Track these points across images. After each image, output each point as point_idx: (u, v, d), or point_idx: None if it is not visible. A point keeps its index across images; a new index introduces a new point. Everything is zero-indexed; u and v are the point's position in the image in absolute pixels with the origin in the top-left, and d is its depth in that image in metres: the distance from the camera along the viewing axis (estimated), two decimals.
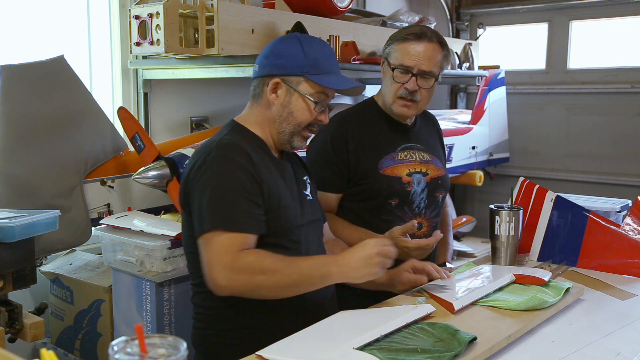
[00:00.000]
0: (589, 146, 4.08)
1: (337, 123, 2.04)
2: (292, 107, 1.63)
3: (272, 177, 1.60)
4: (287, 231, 1.60)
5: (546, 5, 4.15)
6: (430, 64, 1.95)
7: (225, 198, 1.50)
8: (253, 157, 1.57)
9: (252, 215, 1.51)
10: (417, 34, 1.96)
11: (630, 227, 1.96)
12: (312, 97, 1.62)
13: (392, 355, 1.23)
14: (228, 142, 1.58)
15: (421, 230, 2.02)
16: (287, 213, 1.60)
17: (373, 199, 1.98)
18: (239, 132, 1.65)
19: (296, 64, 1.61)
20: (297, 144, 1.67)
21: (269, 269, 1.46)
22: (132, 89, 2.80)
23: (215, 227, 1.47)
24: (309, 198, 1.75)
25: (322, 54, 1.65)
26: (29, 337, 1.81)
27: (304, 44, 1.63)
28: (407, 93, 1.96)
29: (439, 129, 2.28)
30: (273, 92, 1.63)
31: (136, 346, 0.84)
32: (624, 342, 1.42)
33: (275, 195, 1.58)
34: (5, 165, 2.09)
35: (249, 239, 1.49)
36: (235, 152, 1.55)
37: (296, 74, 1.61)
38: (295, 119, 1.63)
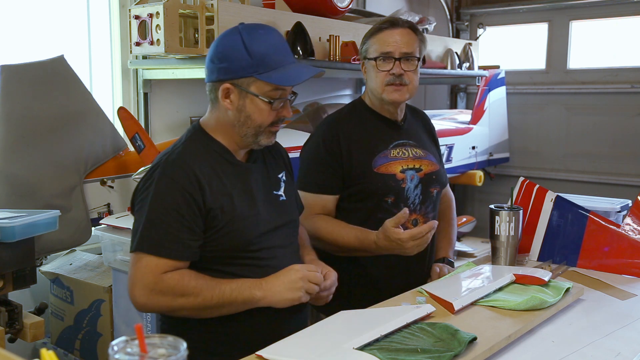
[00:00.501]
0: (588, 146, 4.08)
1: (328, 125, 2.05)
2: (247, 110, 1.55)
3: (227, 192, 1.54)
4: (244, 244, 1.55)
5: (546, 5, 4.15)
6: (409, 47, 1.96)
7: (158, 221, 1.47)
8: (203, 173, 1.52)
9: (182, 242, 1.47)
10: (390, 22, 1.99)
11: (630, 227, 1.96)
12: (266, 97, 1.53)
13: (392, 355, 1.23)
14: (175, 159, 1.53)
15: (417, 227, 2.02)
16: (243, 226, 1.55)
17: (369, 198, 1.98)
18: (197, 140, 1.60)
19: (241, 65, 1.51)
20: (264, 142, 1.60)
21: (191, 292, 1.46)
22: (132, 89, 2.80)
23: (142, 250, 1.47)
24: (281, 199, 1.69)
25: (268, 47, 1.53)
26: (29, 337, 1.81)
27: (246, 41, 1.51)
28: (395, 78, 1.95)
29: (429, 123, 2.25)
30: (226, 98, 1.55)
31: (136, 346, 0.84)
32: (624, 342, 1.42)
33: (229, 210, 1.53)
34: (5, 165, 2.09)
35: (175, 264, 1.48)
36: (179, 173, 1.50)
37: (244, 76, 1.52)
38: (254, 121, 1.55)
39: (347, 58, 2.82)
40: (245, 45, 1.51)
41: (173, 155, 1.56)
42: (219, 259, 1.56)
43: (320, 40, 2.79)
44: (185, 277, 1.48)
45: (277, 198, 1.69)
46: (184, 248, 1.49)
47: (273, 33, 1.58)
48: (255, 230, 1.57)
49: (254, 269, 1.57)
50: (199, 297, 1.47)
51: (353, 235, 1.93)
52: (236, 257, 1.56)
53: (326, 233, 1.95)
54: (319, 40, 2.78)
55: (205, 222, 1.51)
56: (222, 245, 1.54)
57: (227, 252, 1.55)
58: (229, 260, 1.56)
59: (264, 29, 1.57)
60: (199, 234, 1.51)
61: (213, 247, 1.54)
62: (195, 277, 1.49)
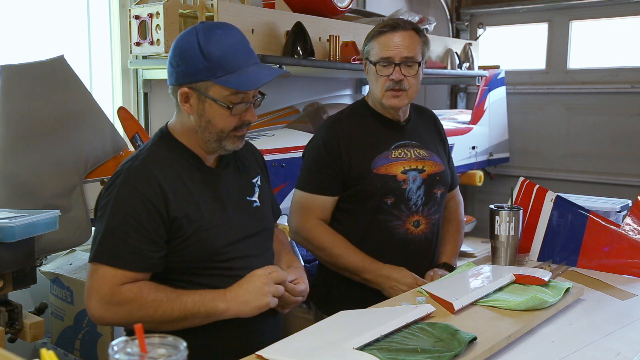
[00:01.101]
0: (588, 146, 4.08)
1: (329, 126, 2.05)
2: (208, 115, 1.48)
3: (194, 199, 1.50)
4: (213, 253, 1.51)
5: (546, 5, 4.15)
6: (410, 51, 1.94)
7: (117, 231, 1.43)
8: (167, 181, 1.47)
9: (141, 253, 1.43)
10: (391, 25, 1.96)
11: (630, 227, 1.96)
12: (225, 102, 1.46)
13: (392, 355, 1.23)
14: (138, 166, 1.49)
15: (419, 228, 2.02)
16: (211, 235, 1.50)
17: (368, 199, 1.98)
18: (163, 145, 1.55)
19: (198, 68, 1.44)
20: (230, 147, 1.53)
21: (150, 305, 1.41)
22: (132, 89, 2.80)
23: (99, 260, 1.43)
24: (255, 205, 1.63)
25: (225, 49, 1.45)
26: (29, 337, 1.81)
27: (202, 43, 1.44)
28: (394, 84, 1.94)
29: (437, 123, 2.23)
30: (185, 102, 1.49)
31: (136, 346, 0.84)
32: (624, 342, 1.41)
33: (196, 219, 1.49)
34: (5, 165, 2.09)
35: (134, 276, 1.44)
36: (141, 181, 1.46)
37: (202, 80, 1.45)
38: (215, 126, 1.49)
39: (347, 58, 2.82)
40: (201, 47, 1.44)
41: (136, 161, 1.51)
42: (187, 269, 1.51)
43: (320, 40, 2.79)
44: (144, 289, 1.43)
45: (251, 204, 1.63)
46: (143, 259, 1.44)
47: (232, 33, 1.50)
48: (225, 239, 1.53)
49: (225, 279, 1.52)
50: (158, 310, 1.42)
51: (360, 258, 1.94)
52: (205, 267, 1.51)
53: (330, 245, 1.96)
54: (319, 40, 2.78)
55: (169, 232, 1.47)
56: (190, 254, 1.49)
57: (196, 262, 1.50)
58: (198, 270, 1.51)
59: (222, 29, 1.49)
60: (160, 245, 1.46)
61: (180, 257, 1.50)
62: (155, 290, 1.43)
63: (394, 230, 1.99)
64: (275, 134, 2.70)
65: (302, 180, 2.04)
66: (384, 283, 1.92)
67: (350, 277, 1.97)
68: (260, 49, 2.49)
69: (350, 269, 1.95)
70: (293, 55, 2.54)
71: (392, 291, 1.88)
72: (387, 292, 1.89)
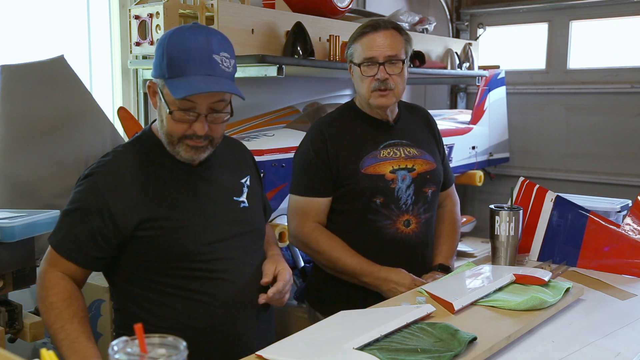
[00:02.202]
0: (589, 146, 4.08)
1: (316, 129, 2.05)
2: (161, 113, 1.47)
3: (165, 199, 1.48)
4: (187, 253, 1.47)
5: (546, 5, 4.15)
6: (393, 49, 1.94)
7: (67, 219, 1.48)
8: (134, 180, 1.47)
9: (79, 246, 1.45)
10: (372, 25, 1.97)
11: (630, 227, 1.96)
12: (169, 105, 1.42)
13: (392, 355, 1.23)
14: (107, 162, 1.50)
15: (410, 228, 2.02)
16: (184, 235, 1.47)
17: (357, 199, 1.98)
18: (140, 144, 1.55)
19: (158, 64, 1.43)
20: (185, 155, 1.48)
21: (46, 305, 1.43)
22: (132, 89, 2.80)
23: (49, 241, 1.50)
24: (242, 205, 1.60)
25: (181, 51, 1.40)
26: (29, 337, 1.81)
27: (167, 40, 1.42)
28: (380, 83, 1.94)
29: (430, 121, 2.22)
30: (153, 97, 1.49)
31: (136, 346, 0.84)
32: (624, 342, 1.41)
33: (167, 217, 1.46)
34: (5, 165, 2.09)
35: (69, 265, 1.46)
36: (103, 178, 1.46)
37: (158, 77, 1.44)
38: (164, 127, 1.47)
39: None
40: (164, 45, 1.42)
41: (108, 156, 1.53)
42: (158, 269, 1.48)
43: (320, 40, 2.79)
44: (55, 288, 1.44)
45: (238, 204, 1.60)
46: (78, 252, 1.46)
47: (198, 36, 1.42)
48: (202, 239, 1.49)
49: (202, 281, 1.50)
50: (45, 314, 1.44)
51: (357, 261, 1.94)
52: (183, 267, 1.48)
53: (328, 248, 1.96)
54: (319, 40, 2.78)
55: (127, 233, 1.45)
56: (160, 254, 1.47)
57: (171, 261, 1.48)
58: (170, 270, 1.48)
59: (192, 31, 1.43)
60: (100, 246, 1.46)
61: (154, 257, 1.47)
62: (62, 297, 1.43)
63: (384, 230, 1.99)
64: (275, 134, 2.70)
65: (295, 185, 2.04)
66: (382, 285, 1.92)
67: (349, 280, 1.97)
68: (260, 49, 2.49)
69: (348, 272, 1.95)
70: (293, 55, 2.54)
71: (390, 293, 1.88)
72: (386, 295, 1.89)
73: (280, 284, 1.57)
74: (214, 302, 1.50)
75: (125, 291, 1.54)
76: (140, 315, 1.49)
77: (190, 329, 1.47)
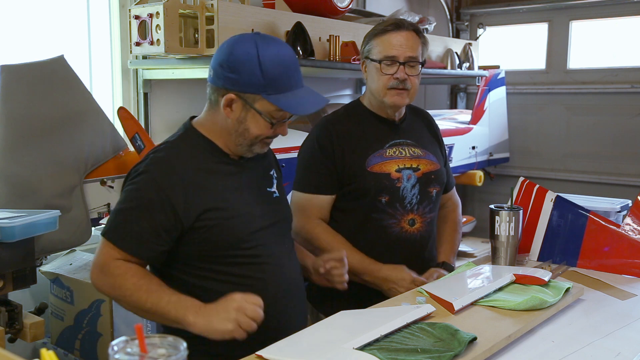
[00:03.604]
0: (589, 146, 4.08)
1: (323, 126, 2.05)
2: (248, 123, 1.55)
3: (217, 190, 1.55)
4: (237, 241, 1.56)
5: (546, 5, 4.15)
6: (414, 51, 1.96)
7: (128, 215, 1.51)
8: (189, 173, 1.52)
9: (143, 241, 1.49)
10: (395, 24, 1.97)
11: (630, 227, 1.96)
12: (268, 117, 1.53)
13: (392, 355, 1.23)
14: (161, 158, 1.55)
15: (414, 227, 2.02)
16: (236, 223, 1.55)
17: (362, 197, 1.98)
18: (189, 139, 1.61)
19: (252, 82, 1.50)
20: (257, 150, 1.61)
21: (127, 287, 1.46)
22: (132, 89, 2.80)
23: (105, 236, 1.51)
24: (275, 195, 1.70)
25: (281, 69, 1.52)
26: (29, 337, 1.81)
27: (261, 57, 1.49)
28: (398, 82, 1.95)
29: (432, 123, 2.23)
30: (227, 107, 1.54)
31: (136, 346, 0.84)
32: (624, 342, 1.42)
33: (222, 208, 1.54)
34: (5, 165, 2.09)
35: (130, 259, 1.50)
36: (161, 173, 1.51)
37: (252, 92, 1.51)
38: (251, 134, 1.56)
39: (347, 58, 2.82)
40: (260, 63, 1.49)
41: (160, 153, 1.57)
42: (214, 258, 1.56)
43: (320, 40, 2.79)
44: (130, 271, 1.48)
45: (271, 195, 1.69)
46: (143, 247, 1.50)
47: (286, 50, 1.57)
48: (249, 227, 1.57)
49: (251, 267, 1.58)
50: (134, 294, 1.46)
51: (358, 259, 1.94)
52: (231, 254, 1.56)
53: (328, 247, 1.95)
54: (319, 40, 2.78)
55: (186, 224, 1.50)
56: (216, 242, 1.54)
57: (222, 250, 1.55)
58: (225, 258, 1.56)
59: (278, 47, 1.55)
60: (164, 239, 1.50)
61: (207, 246, 1.54)
62: (139, 276, 1.48)
63: (389, 228, 1.99)
64: None
65: (299, 181, 2.04)
66: (382, 285, 1.93)
67: (350, 278, 1.97)
68: None
69: (350, 270, 1.95)
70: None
71: (390, 293, 1.89)
72: (386, 294, 1.90)
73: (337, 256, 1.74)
74: (263, 285, 1.58)
75: (179, 282, 1.57)
76: None
77: None
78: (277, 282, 1.62)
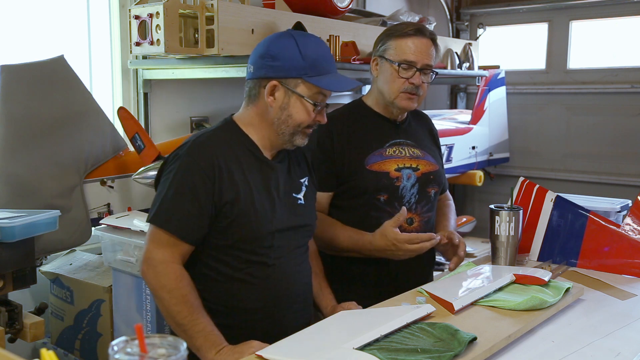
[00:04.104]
0: (589, 146, 4.08)
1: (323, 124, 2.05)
2: (290, 109, 1.61)
3: (247, 183, 1.59)
4: (256, 238, 1.58)
5: (546, 5, 4.15)
6: (431, 59, 2.00)
7: (173, 199, 1.54)
8: (225, 161, 1.57)
9: (190, 222, 1.53)
10: (416, 29, 1.99)
11: (630, 227, 1.96)
12: (310, 99, 1.60)
13: (392, 355, 1.23)
14: (202, 142, 1.60)
15: (412, 226, 2.02)
16: (256, 219, 1.58)
17: (361, 195, 1.99)
18: (228, 131, 1.65)
19: (294, 65, 1.58)
20: (298, 142, 1.66)
21: (176, 297, 1.50)
22: (132, 89, 2.80)
23: (155, 222, 1.55)
24: (300, 202, 1.71)
25: (319, 54, 1.62)
26: (29, 337, 1.82)
27: (300, 45, 1.60)
28: (413, 88, 1.97)
29: (431, 126, 2.25)
30: (270, 95, 1.60)
31: (136, 346, 0.84)
32: (624, 342, 1.42)
33: (245, 200, 1.57)
34: (5, 165, 2.09)
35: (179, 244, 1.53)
36: (201, 156, 1.56)
37: (294, 77, 1.59)
38: (295, 120, 1.61)
39: (347, 58, 2.82)
40: (300, 48, 1.58)
41: (201, 138, 1.62)
42: (233, 250, 1.58)
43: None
44: (184, 280, 1.52)
45: (296, 201, 1.71)
46: (190, 229, 1.53)
47: (322, 43, 1.68)
48: (263, 227, 1.59)
49: (260, 267, 1.60)
50: (177, 306, 1.49)
51: (347, 236, 1.95)
52: (246, 250, 1.58)
53: (320, 232, 1.96)
54: None
55: (216, 210, 1.55)
56: (234, 235, 1.57)
57: (238, 244, 1.58)
58: (243, 253, 1.58)
59: (314, 38, 1.66)
60: (205, 221, 1.54)
61: (228, 236, 1.57)
62: (190, 290, 1.52)
63: None
64: None
65: None
66: (380, 255, 1.92)
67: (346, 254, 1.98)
68: None
69: (344, 250, 1.96)
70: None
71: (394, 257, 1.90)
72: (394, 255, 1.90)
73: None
74: (265, 287, 1.60)
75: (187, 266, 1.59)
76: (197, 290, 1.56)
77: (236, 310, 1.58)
78: (281, 287, 1.63)
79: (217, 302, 1.59)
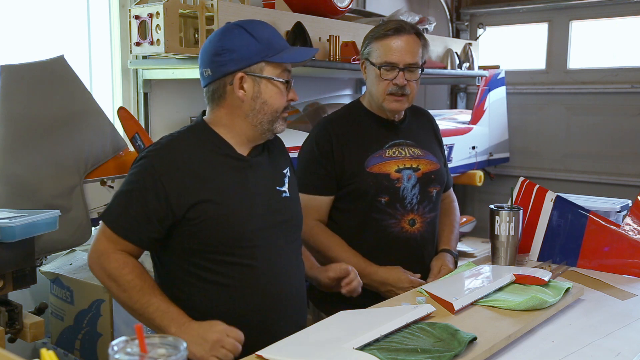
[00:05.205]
0: (589, 146, 4.08)
1: (322, 126, 2.05)
2: (263, 95, 1.57)
3: (218, 184, 1.54)
4: (233, 238, 1.54)
5: (546, 5, 4.15)
6: (414, 56, 1.95)
7: (123, 199, 1.54)
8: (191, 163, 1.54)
9: (134, 225, 1.51)
10: (395, 28, 1.96)
11: (630, 227, 1.96)
12: (279, 78, 1.58)
13: (392, 355, 1.23)
14: (164, 144, 1.57)
15: (415, 227, 2.02)
16: (230, 219, 1.53)
17: (362, 198, 1.98)
18: (197, 131, 1.62)
19: (252, 51, 1.55)
20: (279, 129, 1.63)
21: (122, 284, 1.50)
22: (132, 89, 2.80)
23: (102, 219, 1.56)
24: (284, 195, 1.67)
25: (270, 33, 1.60)
26: (29, 337, 1.81)
27: (250, 30, 1.57)
28: (397, 88, 1.95)
29: (433, 123, 2.24)
30: (240, 88, 1.56)
31: (136, 346, 0.84)
32: (624, 342, 1.42)
33: (216, 201, 1.52)
34: (5, 165, 2.09)
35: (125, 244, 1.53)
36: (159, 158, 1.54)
37: (257, 62, 1.56)
38: (271, 106, 1.58)
39: (347, 58, 2.82)
40: (251, 33, 1.56)
41: (164, 140, 1.59)
42: (203, 254, 1.54)
43: (320, 41, 2.79)
44: (127, 267, 1.51)
45: (280, 194, 1.66)
46: (134, 232, 1.52)
47: (267, 23, 1.64)
48: (245, 226, 1.55)
49: (243, 270, 1.55)
50: (125, 292, 1.50)
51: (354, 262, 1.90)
52: (228, 252, 1.54)
53: (325, 248, 1.95)
54: (319, 40, 2.78)
55: (174, 213, 1.51)
56: (208, 238, 1.52)
57: (214, 246, 1.53)
58: (221, 256, 1.54)
59: (258, 21, 1.64)
60: (154, 226, 1.51)
61: (201, 240, 1.53)
62: (136, 274, 1.50)
63: (389, 229, 1.99)
64: None
65: (298, 182, 2.04)
66: (379, 288, 1.93)
67: None
68: None
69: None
70: None
71: (388, 295, 1.89)
72: (384, 295, 1.90)
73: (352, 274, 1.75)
74: (251, 292, 1.56)
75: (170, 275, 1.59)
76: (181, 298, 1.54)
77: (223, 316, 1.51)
78: (270, 288, 1.58)
79: (202, 310, 1.53)
